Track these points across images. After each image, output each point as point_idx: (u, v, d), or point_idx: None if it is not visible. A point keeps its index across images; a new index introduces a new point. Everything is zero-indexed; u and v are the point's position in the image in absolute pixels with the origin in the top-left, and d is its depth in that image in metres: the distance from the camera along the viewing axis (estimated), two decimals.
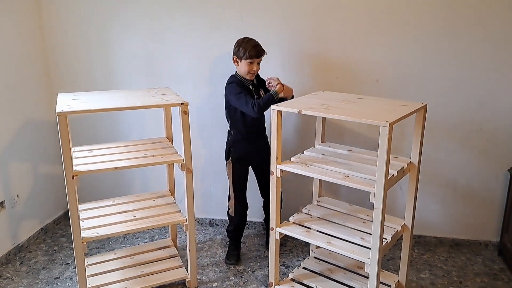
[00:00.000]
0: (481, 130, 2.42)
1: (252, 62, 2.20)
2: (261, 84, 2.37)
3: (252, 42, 2.20)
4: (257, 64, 2.24)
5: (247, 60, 2.18)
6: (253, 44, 2.19)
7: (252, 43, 2.19)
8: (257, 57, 2.20)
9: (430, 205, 2.59)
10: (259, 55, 2.20)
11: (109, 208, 2.25)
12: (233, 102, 2.24)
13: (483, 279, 2.32)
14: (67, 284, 2.26)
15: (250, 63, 2.19)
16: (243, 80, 2.26)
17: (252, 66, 2.20)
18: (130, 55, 2.66)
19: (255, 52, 2.18)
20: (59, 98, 2.03)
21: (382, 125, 1.57)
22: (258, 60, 2.23)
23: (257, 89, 2.33)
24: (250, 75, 2.23)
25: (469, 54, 2.33)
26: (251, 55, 2.17)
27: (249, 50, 2.17)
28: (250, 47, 2.17)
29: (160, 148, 2.21)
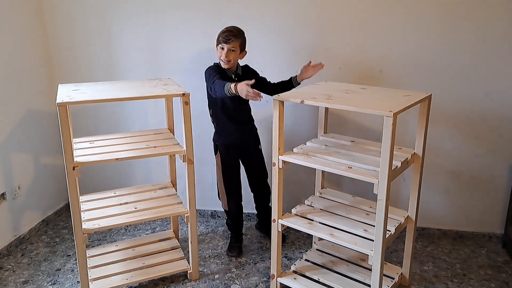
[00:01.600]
0: (486, 120, 2.39)
1: (222, 48, 2.11)
2: (249, 76, 2.18)
3: (225, 28, 2.14)
4: (230, 51, 2.11)
5: (218, 45, 2.14)
6: (224, 30, 2.13)
7: (224, 29, 2.14)
8: (224, 42, 2.10)
9: (433, 196, 2.56)
10: (226, 40, 2.10)
11: (110, 199, 2.24)
12: (207, 85, 2.16)
13: (487, 271, 2.31)
14: (69, 276, 2.26)
15: (221, 48, 2.12)
16: (224, 68, 2.19)
17: (222, 52, 2.12)
18: (131, 46, 2.64)
19: (222, 37, 2.11)
20: (60, 89, 2.01)
21: (386, 115, 1.55)
22: (228, 46, 2.10)
23: (241, 80, 2.11)
24: (222, 62, 2.15)
25: (475, 43, 2.30)
26: (219, 40, 2.13)
27: (218, 35, 2.13)
28: (220, 32, 2.13)
29: (161, 139, 2.19)
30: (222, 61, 2.15)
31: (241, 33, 2.15)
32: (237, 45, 2.12)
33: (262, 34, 2.48)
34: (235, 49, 2.12)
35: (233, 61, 2.15)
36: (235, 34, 2.11)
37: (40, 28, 2.65)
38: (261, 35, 2.48)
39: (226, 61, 2.13)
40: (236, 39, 2.11)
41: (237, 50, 2.13)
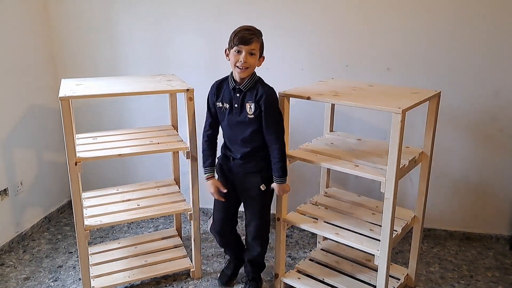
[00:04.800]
0: (495, 119, 2.35)
1: (239, 51, 1.71)
2: (252, 96, 1.76)
3: (241, 27, 1.75)
4: (249, 55, 1.71)
5: (233, 48, 1.72)
6: (240, 29, 1.73)
7: (240, 28, 1.74)
8: (243, 43, 1.69)
9: (440, 197, 2.53)
10: (245, 41, 1.69)
11: (113, 196, 2.22)
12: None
13: (494, 273, 2.27)
14: (70, 273, 2.24)
15: (237, 52, 1.71)
16: (230, 80, 1.81)
17: (239, 57, 1.71)
18: (135, 41, 2.62)
19: (240, 37, 1.69)
20: (63, 84, 1.99)
21: (395, 112, 1.52)
22: (248, 49, 1.70)
23: (242, 98, 1.77)
24: (238, 70, 1.73)
25: (484, 41, 2.26)
26: (233, 41, 1.72)
27: (233, 36, 1.73)
28: (236, 32, 1.73)
29: (165, 135, 2.17)
30: (238, 68, 1.72)
31: (260, 33, 1.76)
32: (257, 47, 1.73)
33: (267, 30, 2.43)
34: (255, 52, 1.72)
35: (251, 68, 1.74)
36: (254, 33, 1.72)
37: (44, 23, 2.63)
38: (266, 31, 2.44)
39: (244, 68, 1.71)
40: (257, 39, 1.72)
41: (256, 54, 1.73)
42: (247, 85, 1.76)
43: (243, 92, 1.77)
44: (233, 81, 1.78)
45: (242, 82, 1.76)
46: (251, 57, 1.72)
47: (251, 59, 1.72)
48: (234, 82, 1.78)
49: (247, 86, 1.76)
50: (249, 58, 1.71)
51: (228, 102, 1.80)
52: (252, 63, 1.72)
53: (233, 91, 1.78)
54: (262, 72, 2.01)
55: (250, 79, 1.76)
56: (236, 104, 1.78)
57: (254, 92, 1.76)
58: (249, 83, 1.76)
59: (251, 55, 1.71)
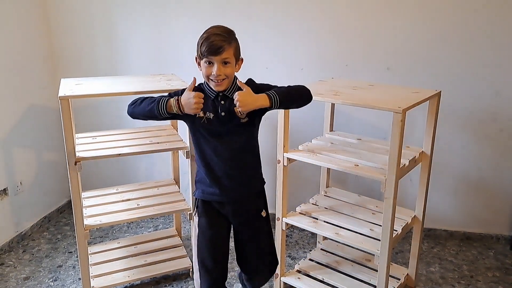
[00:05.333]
0: (496, 119, 2.34)
1: (210, 62, 1.43)
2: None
3: (208, 32, 1.43)
4: (223, 66, 1.43)
5: (202, 60, 1.45)
6: (206, 35, 1.42)
7: (207, 34, 1.43)
8: (213, 54, 1.40)
9: (440, 197, 2.52)
10: (215, 51, 1.40)
11: (112, 196, 2.21)
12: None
13: (495, 273, 2.26)
14: (70, 273, 2.23)
15: (208, 63, 1.43)
16: (206, 88, 1.51)
17: (211, 69, 1.43)
18: (135, 41, 2.61)
19: (208, 47, 1.40)
20: (62, 83, 1.99)
21: (395, 111, 1.51)
22: (220, 59, 1.41)
23: (229, 104, 1.49)
24: (213, 83, 1.46)
25: (485, 40, 2.25)
26: (201, 52, 1.42)
27: (200, 44, 1.44)
28: (202, 40, 1.43)
29: (164, 135, 2.16)
30: (212, 81, 1.46)
31: (232, 34, 1.46)
32: (231, 54, 1.43)
33: (266, 29, 2.44)
34: (229, 61, 1.43)
35: (230, 78, 1.47)
36: (225, 38, 1.41)
37: (44, 23, 2.63)
38: (265, 30, 2.45)
39: (220, 81, 1.44)
40: (228, 45, 1.42)
41: (232, 61, 1.44)
42: (232, 91, 1.49)
43: (228, 98, 1.49)
44: (212, 89, 1.49)
45: (225, 90, 1.49)
46: (226, 67, 1.43)
47: (227, 69, 1.43)
48: (214, 90, 1.49)
49: (232, 91, 1.48)
50: (224, 69, 1.42)
51: (212, 111, 1.49)
52: (229, 73, 1.44)
53: (216, 99, 1.50)
54: (262, 72, 2.02)
55: (233, 85, 1.50)
56: (223, 112, 1.48)
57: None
58: (233, 88, 1.50)
59: (225, 64, 1.42)
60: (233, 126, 1.50)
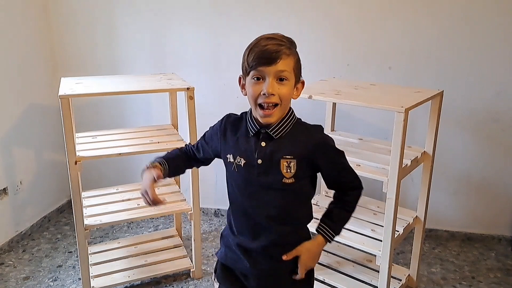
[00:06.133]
0: (497, 120, 2.34)
1: (259, 77, 1.05)
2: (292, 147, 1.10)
3: (259, 38, 1.09)
4: (277, 82, 1.04)
5: (249, 75, 1.07)
6: (256, 40, 1.08)
7: (257, 39, 1.09)
8: (266, 64, 1.03)
9: (441, 197, 2.51)
10: (270, 59, 1.03)
11: (113, 196, 2.21)
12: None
13: (496, 274, 2.25)
14: (70, 273, 2.22)
15: (256, 79, 1.05)
16: (247, 119, 1.14)
17: (260, 86, 1.04)
18: (135, 40, 2.60)
19: (260, 53, 1.04)
20: (62, 82, 1.98)
21: (397, 111, 1.50)
22: (275, 71, 1.03)
23: (273, 150, 1.10)
24: (260, 111, 1.06)
25: (487, 40, 2.24)
26: (249, 62, 1.05)
27: (249, 52, 1.07)
28: (252, 46, 1.07)
29: (165, 135, 2.15)
30: (260, 108, 1.06)
31: (293, 43, 1.11)
32: (290, 66, 1.05)
33: (268, 28, 2.42)
34: (287, 76, 1.05)
35: (284, 105, 1.07)
36: (283, 43, 1.06)
37: (44, 21, 2.62)
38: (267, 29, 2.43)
39: (271, 107, 1.05)
40: (288, 52, 1.05)
41: (290, 78, 1.06)
42: (281, 130, 1.09)
43: (273, 140, 1.10)
44: (254, 122, 1.11)
45: (271, 125, 1.09)
46: (282, 84, 1.04)
47: (282, 88, 1.04)
48: (257, 124, 1.10)
49: (281, 131, 1.09)
50: (279, 87, 1.03)
51: (244, 155, 1.12)
52: (284, 94, 1.04)
53: (255, 137, 1.11)
54: None
55: (286, 121, 1.10)
56: (260, 160, 1.09)
57: (295, 140, 1.10)
58: (285, 126, 1.10)
59: (280, 81, 1.04)
60: (272, 181, 1.10)
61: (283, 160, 1.08)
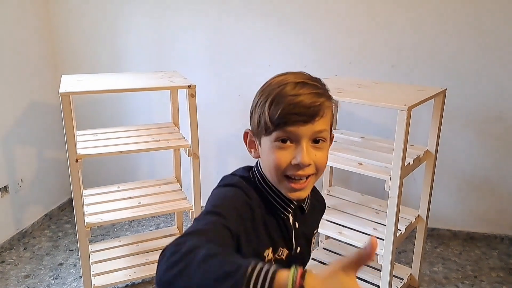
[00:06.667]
0: (500, 118, 2.32)
1: (288, 138, 0.76)
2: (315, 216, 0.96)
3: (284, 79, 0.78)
4: (313, 144, 0.77)
5: (270, 135, 0.77)
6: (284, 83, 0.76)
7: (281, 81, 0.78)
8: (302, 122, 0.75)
9: (444, 196, 2.50)
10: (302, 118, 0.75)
11: (114, 194, 2.19)
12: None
13: (499, 273, 2.24)
14: (71, 271, 2.22)
15: (281, 141, 0.76)
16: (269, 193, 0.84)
17: (290, 153, 0.76)
18: (136, 37, 2.60)
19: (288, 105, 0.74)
20: (63, 79, 1.97)
21: (400, 109, 1.49)
22: (311, 132, 0.76)
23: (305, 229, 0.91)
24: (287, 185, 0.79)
25: (490, 38, 2.23)
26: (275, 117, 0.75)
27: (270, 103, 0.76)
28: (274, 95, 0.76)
29: (166, 133, 2.14)
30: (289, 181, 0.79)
31: (331, 96, 0.81)
32: (329, 124, 0.80)
33: (270, 26, 2.42)
34: (325, 137, 0.79)
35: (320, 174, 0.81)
36: (323, 92, 0.78)
37: (45, 19, 2.61)
38: (269, 27, 2.43)
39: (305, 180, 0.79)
40: (329, 104, 0.79)
41: (327, 139, 0.80)
42: (309, 199, 0.90)
43: (304, 215, 0.89)
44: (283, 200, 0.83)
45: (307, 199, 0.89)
46: (318, 148, 0.77)
47: (319, 153, 0.78)
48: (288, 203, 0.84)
49: (309, 200, 0.90)
50: (315, 153, 0.77)
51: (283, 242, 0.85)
52: (322, 161, 0.79)
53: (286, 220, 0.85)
54: (265, 69, 1.95)
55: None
56: (300, 247, 0.88)
57: (313, 209, 0.93)
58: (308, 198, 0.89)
59: (315, 143, 0.77)
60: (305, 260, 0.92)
61: (313, 237, 0.91)
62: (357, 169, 1.67)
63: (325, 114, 0.77)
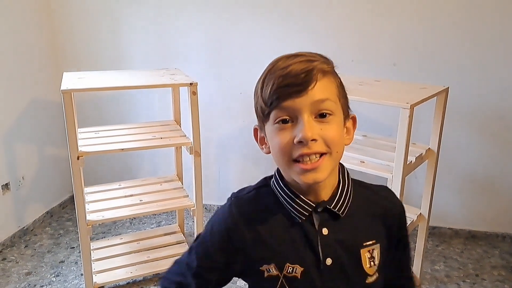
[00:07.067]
0: (503, 117, 2.32)
1: (288, 118, 0.67)
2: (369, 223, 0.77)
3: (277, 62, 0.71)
4: (316, 118, 0.67)
5: (269, 115, 0.69)
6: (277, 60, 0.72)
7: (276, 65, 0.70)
8: (292, 93, 0.66)
9: (445, 195, 2.49)
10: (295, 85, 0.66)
11: (115, 191, 2.20)
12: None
13: (500, 272, 2.24)
14: (72, 268, 2.22)
15: (282, 122, 0.67)
16: (280, 193, 0.73)
17: (290, 132, 0.67)
18: (138, 35, 2.59)
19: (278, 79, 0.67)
20: (65, 77, 1.97)
21: (403, 107, 1.49)
22: (309, 102, 0.66)
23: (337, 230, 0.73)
24: (299, 167, 0.67)
25: (493, 37, 2.22)
26: (268, 95, 0.68)
27: (262, 89, 0.69)
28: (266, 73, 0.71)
29: (168, 130, 2.14)
30: (297, 164, 0.67)
31: (330, 61, 0.75)
32: (332, 92, 0.70)
33: (272, 24, 2.42)
34: (331, 109, 0.68)
35: (335, 152, 0.69)
36: (315, 58, 0.72)
37: (46, 16, 2.61)
38: (271, 25, 2.42)
39: (315, 157, 0.66)
40: (327, 68, 0.71)
41: (336, 112, 0.70)
42: (347, 201, 0.74)
43: (338, 220, 0.73)
44: (298, 197, 0.72)
45: (328, 194, 0.73)
46: (325, 122, 0.68)
47: (327, 126, 0.68)
48: (304, 199, 0.72)
49: (347, 202, 0.74)
50: (321, 127, 0.67)
51: (298, 259, 0.72)
52: (332, 136, 0.68)
53: (307, 223, 0.72)
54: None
55: (347, 185, 0.76)
56: (330, 259, 0.72)
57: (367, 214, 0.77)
58: (348, 193, 0.75)
59: (321, 117, 0.67)
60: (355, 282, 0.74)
61: (364, 249, 0.72)
62: (359, 167, 1.67)
63: (321, 79, 0.67)
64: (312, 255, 0.71)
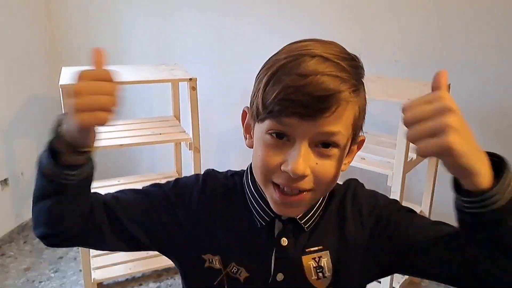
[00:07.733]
0: (505, 114, 2.30)
1: (282, 133, 0.55)
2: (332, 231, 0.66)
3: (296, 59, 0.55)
4: (316, 148, 0.56)
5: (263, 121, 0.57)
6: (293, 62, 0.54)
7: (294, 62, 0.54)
8: (298, 115, 0.53)
9: (446, 192, 2.48)
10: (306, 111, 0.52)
11: (114, 187, 2.18)
12: None
13: None
14: (71, 264, 2.22)
15: (276, 136, 0.56)
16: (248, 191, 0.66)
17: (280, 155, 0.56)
18: (137, 30, 2.58)
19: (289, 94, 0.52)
20: (63, 72, 1.95)
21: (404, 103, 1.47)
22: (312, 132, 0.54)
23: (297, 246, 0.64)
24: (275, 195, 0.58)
25: (494, 34, 2.20)
26: (270, 103, 0.54)
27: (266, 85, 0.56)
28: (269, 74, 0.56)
29: (167, 126, 2.13)
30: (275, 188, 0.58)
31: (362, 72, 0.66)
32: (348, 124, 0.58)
33: (272, 19, 2.40)
34: (338, 142, 0.57)
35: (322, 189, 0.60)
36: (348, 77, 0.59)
37: (45, 11, 2.59)
38: (271, 20, 2.40)
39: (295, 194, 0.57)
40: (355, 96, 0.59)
41: (342, 144, 0.58)
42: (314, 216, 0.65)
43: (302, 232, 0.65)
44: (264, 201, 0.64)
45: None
46: (325, 156, 0.57)
47: (326, 163, 0.57)
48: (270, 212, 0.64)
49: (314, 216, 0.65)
50: (317, 161, 0.56)
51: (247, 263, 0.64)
52: (327, 175, 0.58)
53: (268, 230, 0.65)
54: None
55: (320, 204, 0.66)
56: (282, 273, 0.64)
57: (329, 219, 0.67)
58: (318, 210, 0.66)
59: (324, 147, 0.57)
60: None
61: (306, 256, 0.63)
62: (360, 164, 1.66)
63: (341, 110, 0.53)
64: (262, 266, 0.63)
